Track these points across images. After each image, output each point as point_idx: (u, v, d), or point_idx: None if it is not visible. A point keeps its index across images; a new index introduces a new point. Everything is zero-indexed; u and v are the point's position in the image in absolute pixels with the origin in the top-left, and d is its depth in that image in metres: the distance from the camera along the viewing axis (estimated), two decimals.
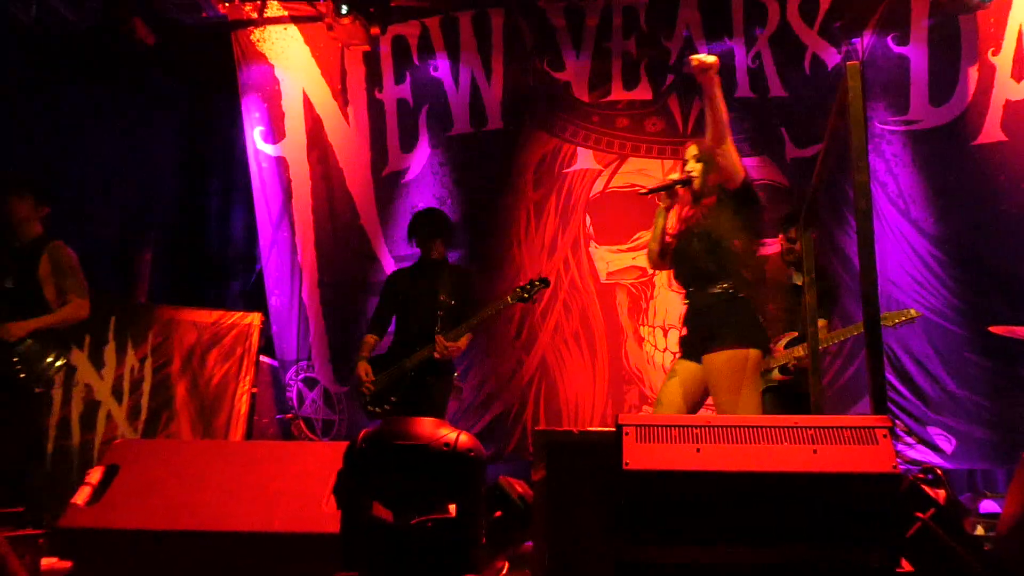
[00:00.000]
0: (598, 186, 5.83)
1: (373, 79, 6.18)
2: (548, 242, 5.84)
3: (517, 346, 5.75)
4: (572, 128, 5.90)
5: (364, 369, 4.43)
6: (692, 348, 3.43)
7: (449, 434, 1.96)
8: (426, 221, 4.59)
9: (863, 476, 1.79)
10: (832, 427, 1.86)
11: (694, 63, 3.24)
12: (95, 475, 2.78)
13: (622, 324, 5.68)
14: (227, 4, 6.28)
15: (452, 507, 2.07)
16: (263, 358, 5.90)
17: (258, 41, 6.29)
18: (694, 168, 3.50)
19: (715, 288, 3.37)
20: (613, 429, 1.94)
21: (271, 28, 6.26)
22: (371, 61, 6.16)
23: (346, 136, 6.19)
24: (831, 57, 5.60)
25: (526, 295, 4.39)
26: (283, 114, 6.24)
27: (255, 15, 6.24)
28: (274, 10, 6.23)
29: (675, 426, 1.86)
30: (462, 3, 6.01)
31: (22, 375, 3.90)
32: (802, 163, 5.46)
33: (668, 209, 3.61)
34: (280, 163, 6.23)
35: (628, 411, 5.50)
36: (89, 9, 5.96)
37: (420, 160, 6.09)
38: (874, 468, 1.79)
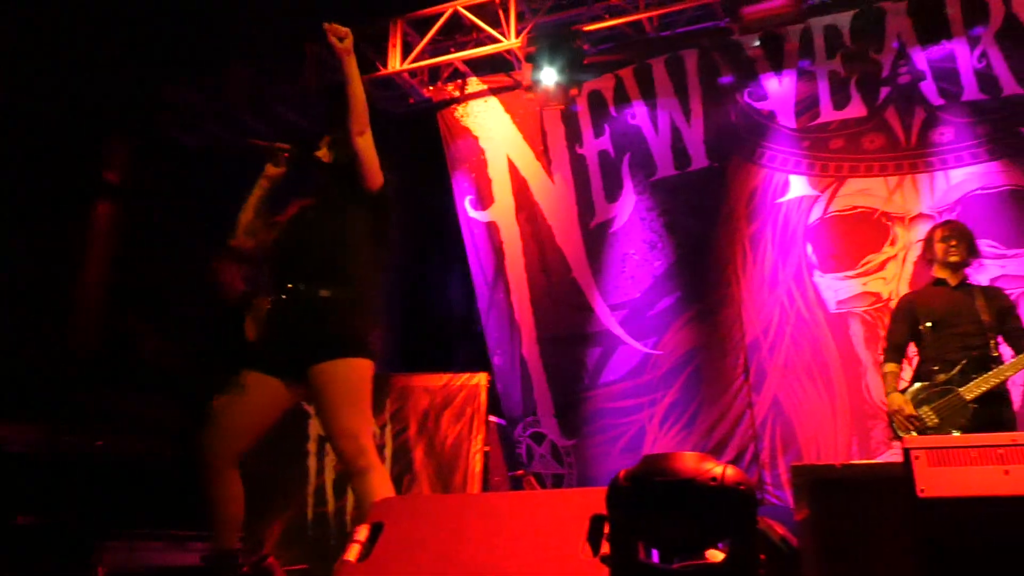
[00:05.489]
0: (816, 212, 5.55)
1: (573, 136, 6.32)
2: (768, 276, 5.62)
3: (746, 387, 5.52)
4: (781, 157, 5.69)
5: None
6: (280, 358, 2.94)
7: (715, 468, 1.89)
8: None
9: None
10: None
11: (328, 29, 2.89)
12: (362, 532, 2.89)
13: (859, 355, 5.30)
14: (431, 88, 6.73)
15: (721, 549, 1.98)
16: (491, 417, 6.04)
17: (462, 117, 6.65)
18: (324, 154, 3.15)
19: (331, 290, 2.97)
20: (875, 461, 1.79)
21: (472, 103, 6.61)
22: (569, 119, 6.31)
23: (552, 194, 6.34)
24: None
25: None
26: (490, 181, 6.51)
27: (457, 93, 6.65)
28: (474, 85, 6.60)
29: (975, 446, 1.68)
30: (654, 50, 6.05)
31: None
32: None
33: (272, 179, 3.16)
34: (491, 227, 6.48)
35: (876, 448, 5.10)
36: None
37: (626, 208, 6.11)
38: None
